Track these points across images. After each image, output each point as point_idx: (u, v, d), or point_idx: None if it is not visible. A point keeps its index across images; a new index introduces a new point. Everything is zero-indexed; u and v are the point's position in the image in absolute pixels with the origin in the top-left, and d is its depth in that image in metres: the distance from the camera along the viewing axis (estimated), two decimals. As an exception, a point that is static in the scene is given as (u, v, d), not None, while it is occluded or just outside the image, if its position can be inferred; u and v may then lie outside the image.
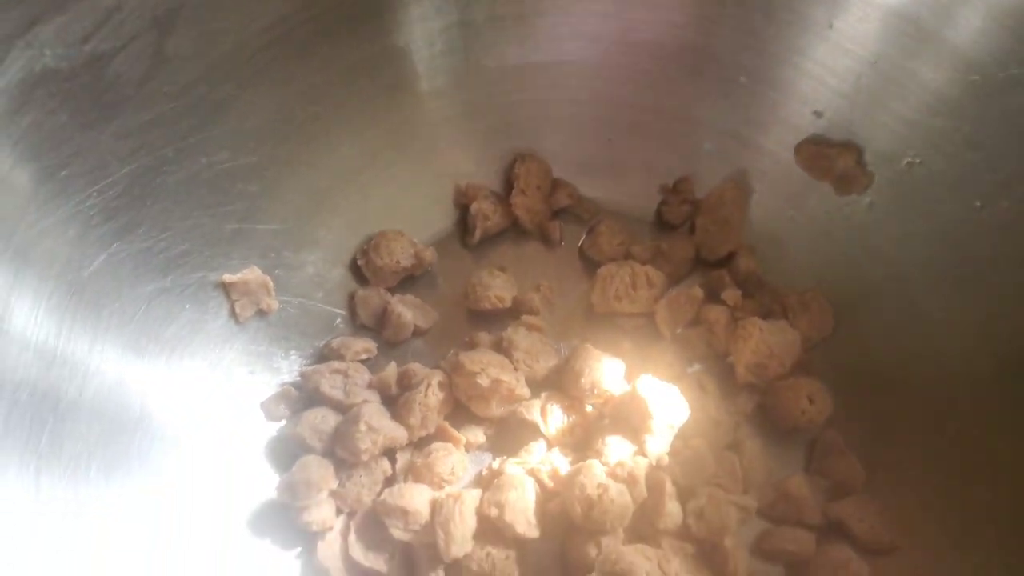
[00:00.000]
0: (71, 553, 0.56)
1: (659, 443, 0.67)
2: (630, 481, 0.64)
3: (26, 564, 0.53)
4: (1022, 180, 0.66)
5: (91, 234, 0.62)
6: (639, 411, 0.66)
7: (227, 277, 0.71)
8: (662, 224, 0.84)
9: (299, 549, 0.68)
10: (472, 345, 0.75)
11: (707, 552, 0.66)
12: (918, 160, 0.71)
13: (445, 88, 0.79)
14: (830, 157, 0.75)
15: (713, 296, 0.78)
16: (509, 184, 0.83)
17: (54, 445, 0.58)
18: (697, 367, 0.75)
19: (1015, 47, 0.62)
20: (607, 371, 0.70)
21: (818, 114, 0.74)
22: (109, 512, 0.60)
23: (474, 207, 0.80)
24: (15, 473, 0.55)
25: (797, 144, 0.77)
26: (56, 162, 0.59)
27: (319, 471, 0.66)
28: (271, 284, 0.73)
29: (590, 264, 0.82)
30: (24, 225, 0.57)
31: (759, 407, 0.74)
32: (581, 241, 0.84)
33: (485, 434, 0.73)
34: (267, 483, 0.69)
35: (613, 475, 0.64)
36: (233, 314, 0.72)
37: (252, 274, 0.72)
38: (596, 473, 0.64)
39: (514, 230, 0.84)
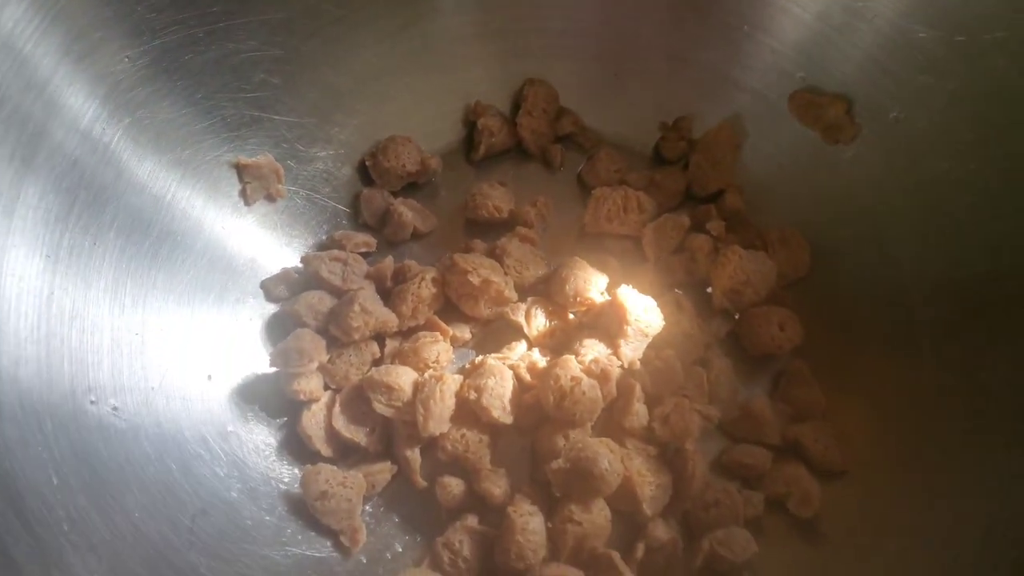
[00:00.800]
0: (73, 389, 0.60)
1: (632, 349, 0.71)
2: (602, 378, 0.68)
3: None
4: (997, 142, 0.69)
5: (119, 97, 0.65)
6: (617, 317, 0.71)
7: (241, 159, 0.75)
8: (659, 159, 0.88)
9: (285, 419, 0.72)
10: (467, 250, 0.79)
11: (668, 456, 0.70)
12: (903, 115, 0.75)
13: (466, 6, 0.83)
14: (821, 106, 0.79)
15: (699, 227, 0.82)
16: (517, 106, 0.87)
17: (82, 221, 0.62)
18: (678, 292, 0.79)
19: (1000, 11, 0.66)
20: (592, 281, 0.74)
21: (808, 67, 0.78)
22: (112, 358, 0.63)
23: (480, 123, 0.84)
24: (43, 238, 0.59)
25: (791, 92, 0.80)
26: (92, 23, 0.63)
27: (312, 342, 0.70)
28: (282, 172, 0.77)
29: (587, 190, 0.85)
30: (57, 77, 0.61)
31: (732, 334, 0.78)
32: (580, 168, 0.88)
33: (472, 332, 0.77)
34: (261, 356, 0.73)
35: (587, 371, 0.69)
36: (244, 195, 0.76)
37: (265, 160, 0.76)
38: (571, 367, 0.68)
39: (517, 151, 0.88)
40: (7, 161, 0.56)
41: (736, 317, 0.78)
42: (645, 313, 0.71)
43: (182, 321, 0.69)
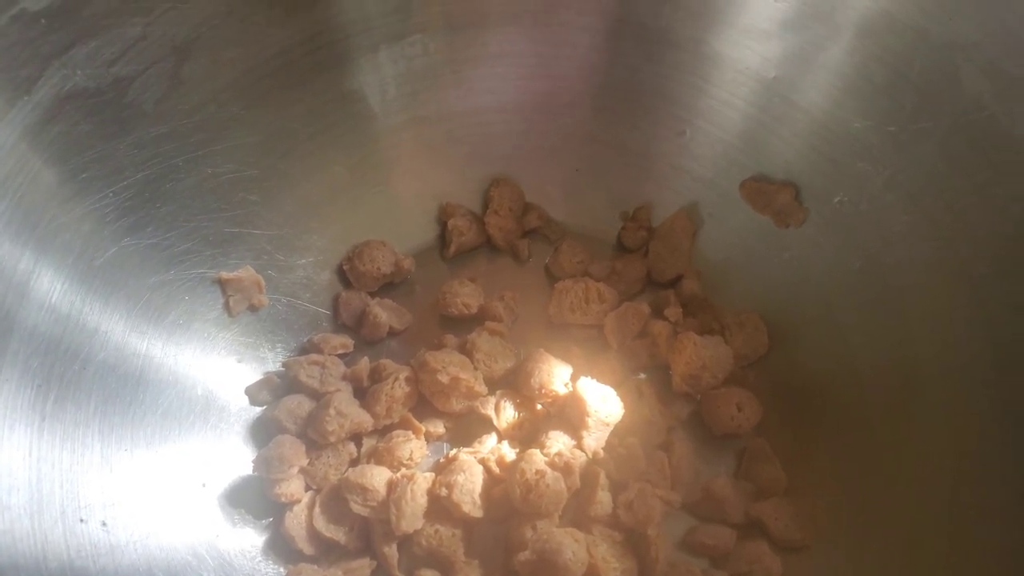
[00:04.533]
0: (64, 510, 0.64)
1: (595, 439, 0.75)
2: (566, 470, 0.72)
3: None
4: (930, 223, 0.73)
5: (105, 229, 0.71)
6: (578, 408, 0.74)
7: (223, 274, 0.80)
8: (622, 248, 0.93)
9: (270, 519, 0.76)
10: (440, 346, 0.83)
11: (633, 540, 0.73)
12: (846, 199, 0.79)
13: (431, 117, 0.88)
14: (770, 193, 0.83)
15: (660, 313, 0.86)
16: (486, 205, 0.92)
17: (57, 407, 0.66)
18: (642, 376, 0.83)
19: (923, 104, 0.70)
20: (555, 373, 0.78)
21: (756, 157, 0.83)
22: (102, 475, 0.68)
23: (451, 223, 0.89)
24: (22, 431, 0.62)
25: (742, 181, 0.85)
26: (78, 166, 0.68)
27: (292, 448, 0.74)
28: (263, 283, 0.82)
29: (553, 280, 0.90)
30: (46, 219, 0.66)
31: (694, 415, 0.82)
32: (548, 259, 0.92)
33: (445, 426, 0.81)
34: (246, 460, 0.77)
35: (551, 463, 0.72)
36: (227, 308, 0.81)
37: (246, 273, 0.81)
38: (536, 460, 0.71)
39: (488, 247, 0.93)
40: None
41: (698, 399, 0.81)
42: (604, 403, 0.74)
43: (171, 434, 0.73)
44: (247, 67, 0.77)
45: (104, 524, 0.65)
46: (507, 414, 0.79)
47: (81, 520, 0.63)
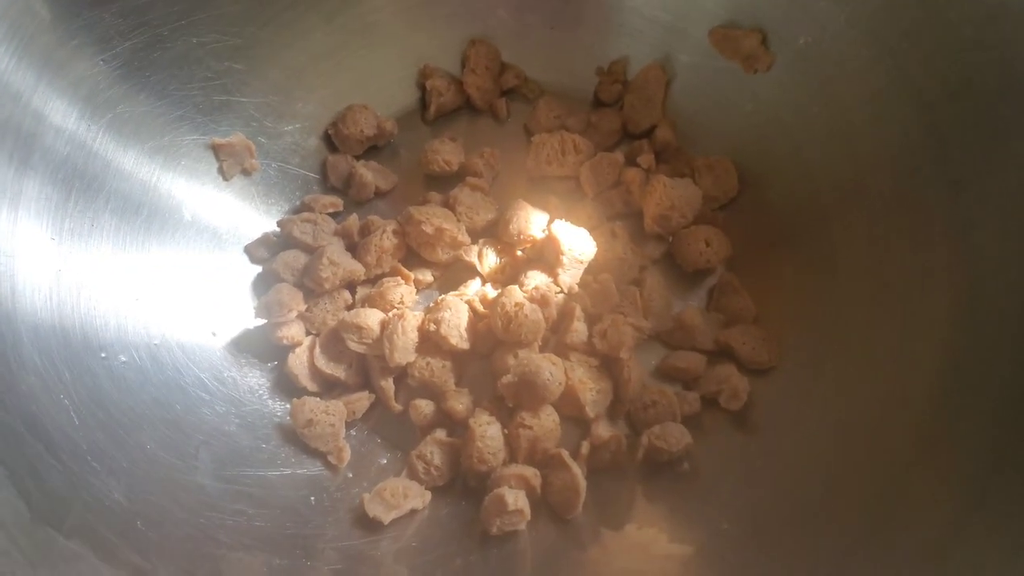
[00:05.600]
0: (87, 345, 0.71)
1: (570, 276, 0.80)
2: (542, 302, 0.77)
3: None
4: (890, 55, 0.75)
5: (100, 96, 0.75)
6: (553, 248, 0.79)
7: (216, 140, 0.84)
8: (599, 103, 0.95)
9: (275, 362, 0.83)
10: (424, 202, 0.88)
11: (608, 365, 0.79)
12: (811, 39, 0.81)
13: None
14: (738, 39, 0.85)
15: (633, 162, 0.89)
16: (463, 65, 0.95)
17: (79, 207, 0.72)
18: (616, 223, 0.87)
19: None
20: (533, 220, 0.83)
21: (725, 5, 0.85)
22: (119, 315, 0.74)
23: (429, 84, 0.92)
24: (47, 224, 0.69)
25: (711, 28, 0.87)
26: (68, 33, 0.72)
27: (289, 294, 0.80)
28: (254, 148, 0.87)
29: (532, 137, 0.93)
30: (44, 83, 0.71)
31: (667, 256, 0.86)
32: (527, 117, 0.95)
33: (433, 275, 0.86)
34: (249, 312, 0.83)
35: (530, 297, 0.78)
36: (221, 172, 0.85)
37: (237, 139, 0.85)
38: (515, 295, 0.77)
39: (468, 108, 0.96)
40: (7, 164, 0.66)
41: (669, 240, 0.86)
42: (578, 242, 0.79)
43: (176, 286, 0.79)
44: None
45: (124, 362, 0.71)
46: (489, 260, 0.84)
47: (103, 356, 0.70)
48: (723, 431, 0.79)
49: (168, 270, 0.79)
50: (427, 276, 0.86)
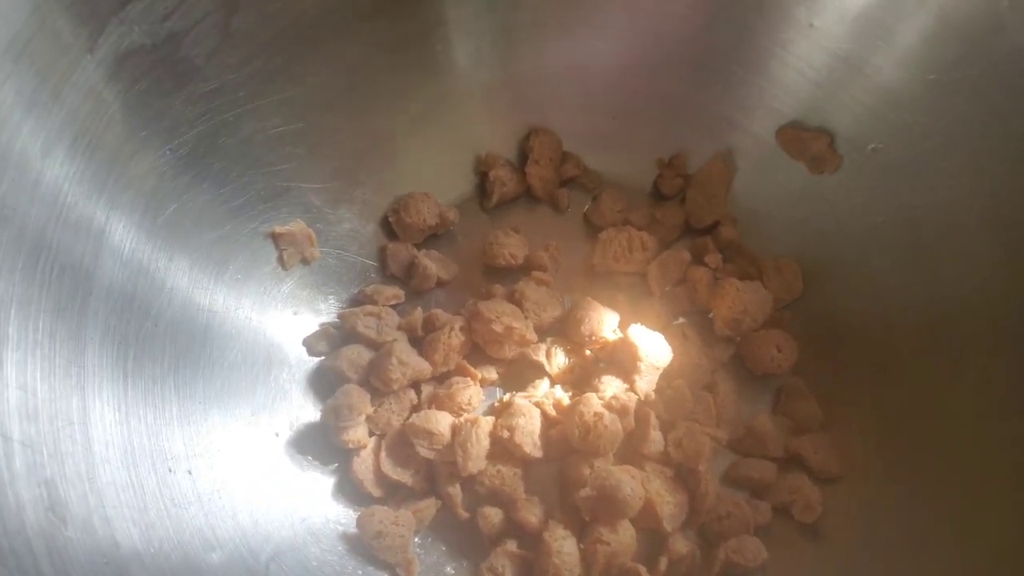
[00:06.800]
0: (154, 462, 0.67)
1: (646, 382, 0.79)
2: (621, 411, 0.76)
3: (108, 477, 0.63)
4: (965, 171, 0.76)
5: (165, 186, 0.72)
6: (630, 354, 0.78)
7: (277, 228, 0.81)
8: (658, 195, 0.95)
9: (336, 464, 0.79)
10: (488, 296, 0.86)
11: (683, 475, 0.78)
12: (880, 146, 0.82)
13: (471, 68, 0.89)
14: (805, 140, 0.85)
15: (698, 259, 0.89)
16: (524, 155, 0.94)
17: (136, 364, 0.68)
18: (682, 320, 0.87)
19: (964, 52, 0.72)
20: (604, 320, 0.82)
21: (794, 106, 0.85)
22: (182, 429, 0.70)
23: (492, 174, 0.91)
24: (109, 388, 0.65)
25: (778, 128, 0.87)
26: (138, 124, 0.69)
27: (359, 397, 0.77)
28: (314, 236, 0.84)
29: (593, 228, 0.93)
30: (113, 178, 0.67)
31: (735, 357, 0.86)
32: (586, 208, 0.95)
33: (498, 372, 0.84)
34: (309, 409, 0.80)
35: (608, 406, 0.76)
36: (281, 261, 0.82)
37: (297, 227, 0.83)
38: (593, 403, 0.75)
39: (527, 196, 0.95)
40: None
41: (738, 341, 0.85)
42: (655, 348, 0.78)
43: (239, 386, 0.76)
44: (292, 18, 0.76)
45: (190, 473, 0.68)
46: (558, 360, 0.83)
47: (169, 470, 0.66)
48: (794, 543, 0.78)
49: (226, 370, 0.76)
50: (492, 374, 0.84)
